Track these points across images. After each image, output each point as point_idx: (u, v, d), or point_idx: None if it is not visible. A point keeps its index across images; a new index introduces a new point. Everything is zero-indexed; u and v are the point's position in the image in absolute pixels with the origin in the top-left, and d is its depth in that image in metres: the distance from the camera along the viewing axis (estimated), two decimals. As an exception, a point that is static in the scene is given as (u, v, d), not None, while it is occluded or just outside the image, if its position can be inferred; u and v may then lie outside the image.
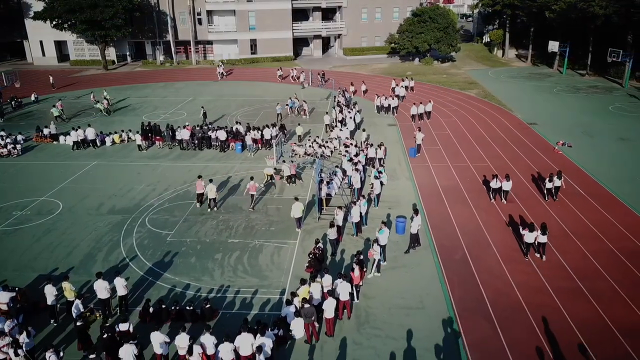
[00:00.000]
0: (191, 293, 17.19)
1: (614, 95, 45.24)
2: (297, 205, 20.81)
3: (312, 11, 70.59)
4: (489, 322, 15.49)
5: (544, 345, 14.46)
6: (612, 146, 31.46)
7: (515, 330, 15.11)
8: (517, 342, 14.59)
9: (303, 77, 50.46)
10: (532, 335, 14.90)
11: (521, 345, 14.46)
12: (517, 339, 14.73)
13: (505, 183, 23.44)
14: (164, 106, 42.87)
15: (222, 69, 55.01)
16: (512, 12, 63.77)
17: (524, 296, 16.66)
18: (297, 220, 21.12)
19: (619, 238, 20.26)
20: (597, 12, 46.20)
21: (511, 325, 15.33)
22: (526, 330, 15.09)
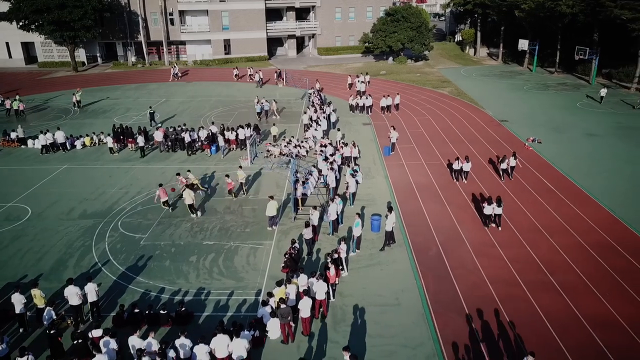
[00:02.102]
0: (166, 297, 16.98)
1: (582, 91, 46.44)
2: (272, 204, 20.80)
3: (285, 11, 70.46)
4: (462, 316, 15.73)
5: (516, 338, 14.76)
6: (581, 142, 32.30)
7: (489, 323, 15.39)
8: (491, 335, 14.87)
9: (258, 77, 50.55)
10: (506, 327, 15.19)
11: (494, 338, 14.73)
12: (491, 332, 15.00)
13: (465, 164, 25.87)
14: (136, 108, 42.21)
15: (176, 70, 54.48)
16: (483, 11, 64.91)
17: (496, 290, 16.98)
18: (271, 218, 21.08)
19: (587, 232, 20.81)
20: (564, 11, 47.37)
21: (484, 318, 15.60)
22: (500, 324, 15.37)
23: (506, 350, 14.29)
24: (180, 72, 55.09)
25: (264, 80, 51.45)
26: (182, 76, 55.07)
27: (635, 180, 25.89)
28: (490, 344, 14.51)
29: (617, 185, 25.30)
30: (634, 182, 25.66)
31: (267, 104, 38.27)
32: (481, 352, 14.25)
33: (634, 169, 27.44)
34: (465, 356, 14.11)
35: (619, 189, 24.92)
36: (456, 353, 14.23)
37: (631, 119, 37.14)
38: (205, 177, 26.99)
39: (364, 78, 47.00)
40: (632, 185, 25.29)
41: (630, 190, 24.70)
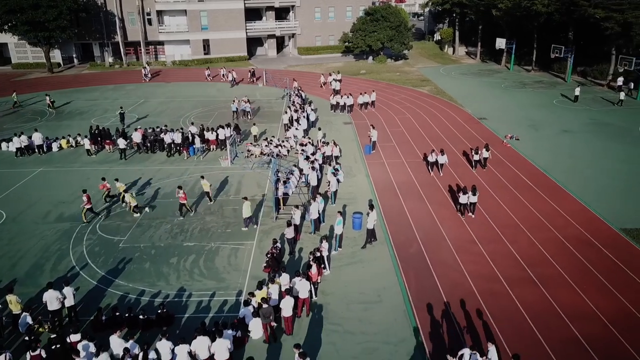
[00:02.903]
0: (146, 299, 16.75)
1: (558, 89, 47.27)
2: (247, 205, 20.72)
3: (265, 11, 70.24)
4: (444, 312, 15.86)
5: (496, 332, 14.94)
6: (557, 138, 32.87)
7: (470, 318, 15.54)
8: (472, 330, 15.01)
9: (232, 77, 50.43)
10: (486, 322, 15.36)
11: (476, 333, 14.88)
12: (473, 327, 15.16)
13: (440, 157, 26.74)
14: (114, 109, 41.50)
15: (146, 71, 53.87)
16: (461, 11, 65.61)
17: (476, 285, 17.16)
18: (247, 219, 20.96)
19: (564, 226, 21.18)
20: (540, 10, 48.17)
21: (465, 313, 15.76)
22: (480, 318, 15.54)
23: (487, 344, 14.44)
24: (150, 73, 54.45)
25: (238, 80, 51.28)
26: (152, 77, 54.41)
27: (609, 175, 26.45)
28: (471, 339, 14.64)
29: (593, 180, 25.82)
30: (609, 177, 26.21)
31: (247, 105, 38.03)
32: (462, 346, 14.35)
33: (609, 163, 28.03)
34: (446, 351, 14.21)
35: (594, 183, 25.42)
36: (437, 348, 14.33)
37: (605, 115, 37.94)
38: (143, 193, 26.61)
39: (337, 76, 47.37)
40: (607, 180, 25.83)
41: (605, 185, 25.22)
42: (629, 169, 27.16)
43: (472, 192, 21.79)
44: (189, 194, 24.72)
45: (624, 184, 25.28)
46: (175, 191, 22.97)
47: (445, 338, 14.74)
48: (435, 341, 14.62)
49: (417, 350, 14.32)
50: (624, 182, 25.58)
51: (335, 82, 45.63)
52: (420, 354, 14.17)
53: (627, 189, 24.69)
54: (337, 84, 45.30)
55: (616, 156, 29.17)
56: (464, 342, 14.26)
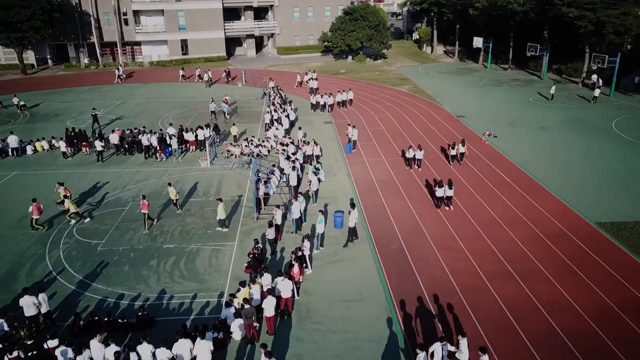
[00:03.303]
0: (125, 303, 16.51)
1: (534, 87, 48.07)
2: (221, 206, 20.57)
3: (243, 10, 69.86)
4: (425, 309, 15.98)
5: (477, 326, 15.11)
6: (534, 135, 33.42)
7: (451, 314, 15.68)
8: (453, 326, 15.15)
9: (207, 77, 50.12)
10: (467, 317, 15.53)
11: (457, 328, 15.02)
12: (453, 322, 15.30)
13: (418, 152, 27.45)
14: (90, 111, 40.80)
15: (120, 72, 53.12)
16: (439, 10, 66.25)
17: (457, 281, 17.33)
18: (222, 221, 20.84)
19: (543, 221, 21.53)
20: (516, 9, 48.92)
21: (447, 310, 15.90)
22: (461, 314, 15.70)
23: (469, 341, 14.56)
24: (124, 74, 53.66)
25: (214, 80, 50.96)
26: (126, 78, 53.62)
27: (585, 170, 26.99)
28: (446, 333, 14.78)
29: (569, 176, 26.30)
30: (585, 172, 26.74)
31: (224, 105, 37.77)
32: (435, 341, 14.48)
33: (584, 159, 28.60)
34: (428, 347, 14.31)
35: (570, 179, 25.90)
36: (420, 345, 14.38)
37: (580, 112, 38.71)
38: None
39: (313, 75, 47.60)
40: (583, 175, 26.35)
41: (581, 180, 25.72)
42: (604, 165, 27.75)
43: (449, 186, 22.36)
44: (169, 196, 24.42)
45: (599, 179, 25.82)
46: (165, 192, 22.66)
47: (427, 335, 14.83)
48: (417, 338, 14.70)
49: (399, 347, 14.39)
50: (599, 177, 26.13)
51: (312, 81, 45.83)
52: (402, 351, 14.24)
53: (602, 184, 25.23)
54: (315, 83, 45.52)
55: (591, 152, 29.78)
56: (444, 338, 14.34)
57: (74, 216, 21.85)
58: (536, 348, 14.18)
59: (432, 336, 14.61)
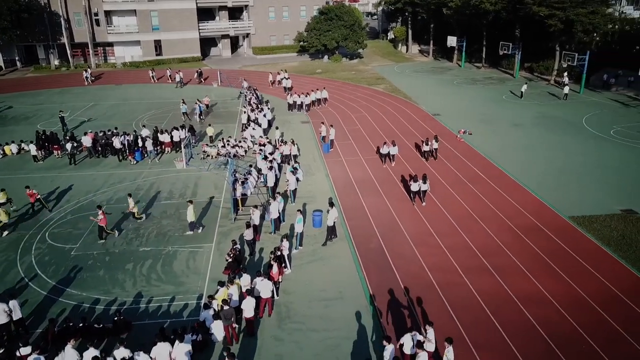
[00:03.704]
0: (101, 307, 16.19)
1: (507, 85, 48.93)
2: (191, 208, 20.29)
3: (218, 10, 69.35)
4: (404, 305, 16.11)
5: (455, 320, 15.29)
6: (507, 132, 34.02)
7: (430, 309, 15.84)
8: (432, 321, 15.26)
9: (179, 77, 49.64)
10: (445, 312, 15.70)
11: (435, 323, 15.12)
12: (432, 317, 15.40)
13: (392, 148, 28.06)
14: (65, 112, 39.96)
15: (87, 73, 52.18)
16: (413, 10, 66.89)
17: (435, 277, 17.52)
18: (192, 223, 20.57)
19: (516, 216, 21.92)
20: (488, 8, 49.70)
21: (425, 305, 16.05)
22: (439, 309, 15.87)
23: (447, 334, 14.73)
24: (92, 76, 52.63)
25: (185, 81, 50.44)
26: (94, 80, 52.61)
27: (557, 166, 27.58)
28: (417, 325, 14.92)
29: (542, 171, 26.84)
30: (557, 168, 27.33)
31: (198, 107, 37.40)
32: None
33: (557, 155, 29.23)
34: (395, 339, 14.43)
35: (543, 174, 26.44)
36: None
37: (552, 109, 39.56)
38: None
39: (285, 75, 47.70)
40: (555, 171, 26.92)
41: (553, 175, 26.28)
42: (576, 160, 28.42)
43: (423, 181, 22.82)
44: (145, 198, 24.14)
45: (571, 174, 26.42)
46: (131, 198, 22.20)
47: (406, 330, 14.92)
48: (397, 334, 14.80)
49: (379, 344, 14.44)
50: (571, 172, 26.74)
51: (285, 81, 45.89)
52: (381, 347, 14.29)
53: (574, 179, 25.82)
54: (288, 82, 45.58)
55: (563, 148, 30.45)
56: (414, 328, 14.47)
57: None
58: (512, 340, 14.43)
59: (401, 331, 14.70)
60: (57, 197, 24.40)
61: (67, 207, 23.29)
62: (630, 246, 19.17)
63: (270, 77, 49.94)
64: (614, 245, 19.30)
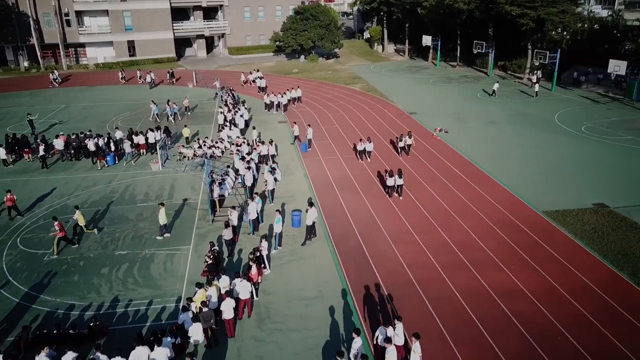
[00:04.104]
0: (76, 313, 15.84)
1: (481, 83, 49.67)
2: (162, 211, 19.98)
3: (192, 10, 68.66)
4: (384, 302, 16.18)
5: (433, 316, 15.43)
6: (482, 129, 34.53)
7: (409, 306, 15.95)
8: (411, 317, 15.37)
9: (150, 78, 49.07)
10: (424, 308, 15.82)
11: (415, 320, 15.28)
12: (411, 314, 15.53)
13: (367, 144, 28.56)
14: (34, 115, 38.99)
15: (55, 75, 51.15)
16: (388, 9, 67.36)
17: (413, 273, 17.65)
18: (162, 227, 20.22)
19: (493, 212, 22.25)
20: (461, 7, 50.39)
21: (404, 302, 16.15)
22: (418, 305, 15.99)
23: (427, 330, 14.87)
24: (59, 78, 51.53)
25: (157, 82, 49.82)
26: (61, 82, 51.48)
27: (531, 162, 28.11)
28: (411, 328, 15.01)
29: (516, 167, 27.32)
30: (531, 164, 27.85)
31: (168, 107, 36.98)
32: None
33: (530, 151, 29.79)
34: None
35: (518, 170, 26.91)
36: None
37: (525, 107, 40.31)
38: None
39: (257, 74, 47.60)
40: (529, 166, 27.43)
41: (527, 171, 26.76)
42: (549, 156, 29.00)
43: (398, 175, 23.38)
44: (121, 201, 23.73)
45: (545, 170, 26.95)
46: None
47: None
48: (375, 330, 14.83)
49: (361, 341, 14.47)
50: (544, 167, 27.27)
51: (260, 80, 45.91)
52: (362, 345, 14.33)
53: (548, 174, 26.33)
54: (263, 82, 45.57)
55: (537, 144, 31.05)
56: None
57: None
58: (490, 333, 14.63)
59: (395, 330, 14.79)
60: (29, 201, 23.78)
61: (39, 212, 22.74)
62: (602, 239, 19.65)
63: (243, 77, 49.76)
64: (587, 238, 19.76)
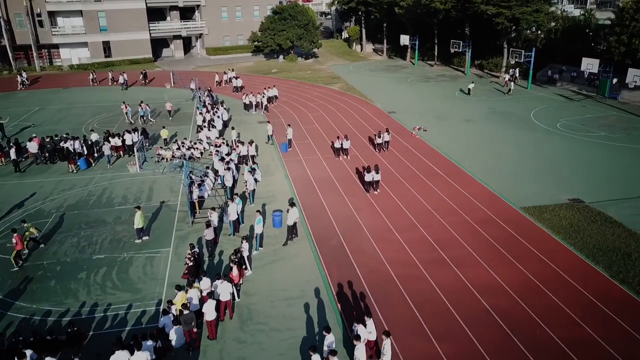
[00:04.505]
0: (53, 319, 15.51)
1: (459, 82, 50.24)
2: (138, 215, 19.65)
3: (169, 10, 67.87)
4: (366, 300, 16.23)
5: (415, 313, 15.54)
6: (460, 127, 34.93)
7: (390, 303, 16.03)
8: (393, 315, 15.49)
9: (122, 79, 48.42)
10: (405, 306, 15.92)
11: (397, 317, 15.38)
12: (393, 311, 15.64)
13: (345, 142, 28.90)
14: (4, 118, 38.06)
15: (23, 77, 50.05)
16: (366, 9, 67.64)
17: (394, 271, 17.75)
18: (139, 230, 19.93)
19: (471, 209, 22.52)
20: (438, 7, 50.89)
21: (386, 299, 16.23)
22: (400, 303, 16.08)
23: (408, 327, 14.99)
24: (28, 80, 50.39)
25: (130, 83, 49.18)
26: (29, 84, 50.31)
27: (508, 159, 28.54)
28: (393, 325, 15.11)
29: (494, 164, 27.71)
30: (508, 161, 28.28)
31: (148, 108, 36.51)
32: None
33: (507, 148, 30.26)
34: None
35: (495, 167, 27.30)
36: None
37: (501, 105, 40.92)
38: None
39: (232, 74, 47.43)
40: (507, 164, 27.86)
41: (505, 168, 27.18)
42: (526, 153, 29.48)
43: (376, 171, 23.91)
44: (98, 204, 23.32)
45: (522, 167, 27.39)
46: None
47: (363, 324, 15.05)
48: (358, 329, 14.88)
49: (342, 340, 14.51)
50: (522, 164, 27.72)
51: (235, 80, 45.81)
52: (344, 343, 14.37)
53: (525, 171, 26.77)
54: (239, 81, 45.47)
55: (514, 141, 31.54)
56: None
57: None
58: (471, 328, 14.79)
59: (376, 328, 14.84)
60: (2, 206, 23.20)
61: (13, 217, 22.19)
62: (578, 233, 20.06)
63: (217, 78, 49.38)
64: (563, 233, 20.14)
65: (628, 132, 33.07)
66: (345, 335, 14.70)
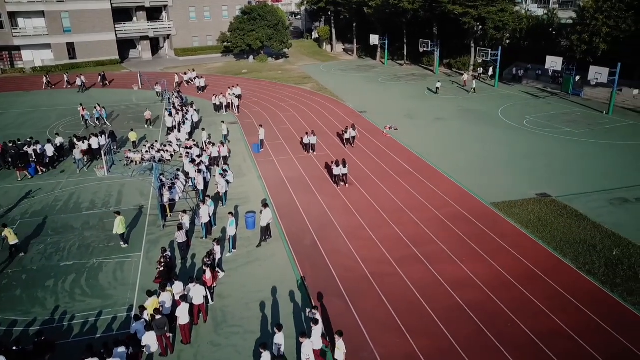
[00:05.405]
0: (19, 329, 15.02)
1: (428, 81, 50.92)
2: (119, 220, 19.28)
3: (135, 11, 66.65)
4: (341, 299, 16.27)
5: (390, 310, 15.65)
6: (431, 126, 35.40)
7: (365, 301, 16.11)
8: (368, 312, 15.57)
9: (80, 81, 47.52)
10: (380, 303, 16.02)
11: (371, 314, 15.46)
12: (368, 309, 15.71)
13: (311, 137, 29.92)
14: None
15: None
16: (336, 9, 67.92)
17: (368, 269, 17.85)
18: (121, 236, 19.61)
19: (442, 205, 22.84)
20: (406, 7, 51.48)
21: (360, 297, 16.30)
22: (374, 300, 16.17)
23: (383, 324, 15.09)
24: None
25: (88, 85, 48.15)
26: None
27: (478, 156, 29.07)
28: (368, 322, 15.18)
29: (464, 161, 28.17)
30: (478, 157, 28.80)
31: (96, 112, 35.84)
32: (361, 331, 14.86)
33: (476, 145, 30.81)
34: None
35: (465, 164, 27.75)
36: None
37: (469, 103, 41.67)
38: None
39: (192, 74, 47.10)
40: (476, 160, 28.36)
41: (475, 165, 27.66)
42: (494, 150, 30.08)
43: (343, 165, 24.68)
44: (65, 210, 22.71)
45: (491, 163, 27.94)
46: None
47: (345, 322, 15.08)
48: (335, 327, 14.89)
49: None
50: (491, 161, 28.27)
51: (198, 80, 45.69)
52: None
53: (494, 167, 27.31)
54: (202, 81, 45.22)
55: (482, 138, 32.15)
56: (361, 326, 14.72)
57: None
58: (444, 323, 14.99)
59: (348, 323, 14.90)
60: (-37, 214, 22.37)
61: (-26, 225, 21.36)
62: (546, 227, 20.57)
63: (177, 79, 48.73)
64: (532, 227, 20.62)
65: (591, 127, 34.13)
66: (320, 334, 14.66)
